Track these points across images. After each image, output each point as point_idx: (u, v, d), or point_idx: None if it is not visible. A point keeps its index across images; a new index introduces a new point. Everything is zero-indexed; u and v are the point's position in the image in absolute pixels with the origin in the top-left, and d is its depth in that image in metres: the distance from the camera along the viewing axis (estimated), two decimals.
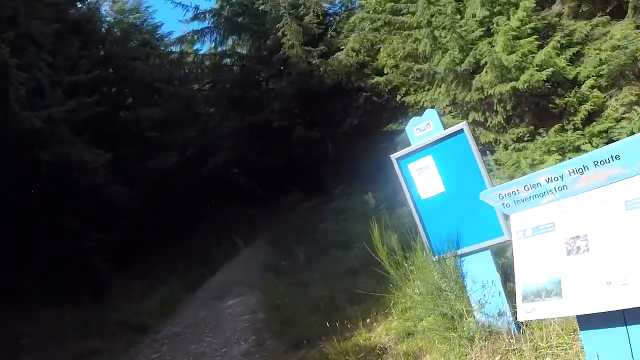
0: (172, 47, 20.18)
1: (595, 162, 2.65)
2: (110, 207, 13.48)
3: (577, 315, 2.64)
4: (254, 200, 16.50)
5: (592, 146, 7.30)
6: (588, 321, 2.62)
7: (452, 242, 4.81)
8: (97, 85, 15.84)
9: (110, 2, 22.68)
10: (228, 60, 19.54)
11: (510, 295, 4.51)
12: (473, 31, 9.31)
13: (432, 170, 4.95)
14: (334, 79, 14.48)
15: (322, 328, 6.29)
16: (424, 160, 4.99)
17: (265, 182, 16.96)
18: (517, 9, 8.84)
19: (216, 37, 18.49)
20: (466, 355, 4.33)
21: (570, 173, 2.75)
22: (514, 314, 4.38)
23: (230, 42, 19.34)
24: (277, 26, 15.54)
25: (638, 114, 7.09)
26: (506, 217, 4.42)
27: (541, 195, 2.90)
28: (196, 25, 18.47)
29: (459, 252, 4.78)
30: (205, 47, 19.57)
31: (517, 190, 3.00)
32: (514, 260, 2.89)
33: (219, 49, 19.07)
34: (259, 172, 17.01)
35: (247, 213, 15.75)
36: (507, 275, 4.81)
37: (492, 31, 9.27)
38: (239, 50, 19.81)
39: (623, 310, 2.43)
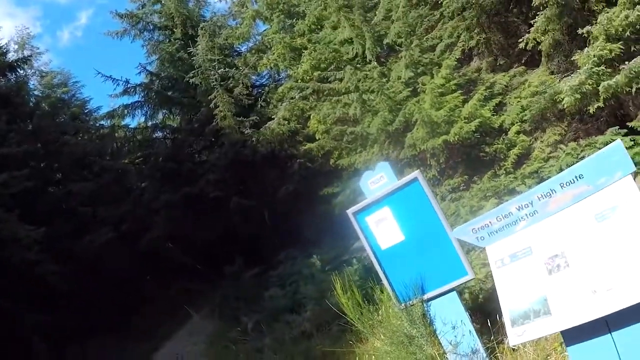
0: (102, 122, 20.00)
1: (562, 184, 2.86)
2: (45, 286, 12.73)
3: (562, 332, 2.76)
4: (194, 272, 16.08)
5: (526, 187, 7.69)
6: (573, 336, 2.74)
7: (417, 288, 4.88)
8: (25, 160, 15.28)
9: (38, 76, 22.45)
10: (160, 133, 19.49)
11: (479, 332, 4.63)
12: (400, 92, 9.77)
13: (390, 221, 5.06)
14: (267, 147, 14.69)
15: None
16: (381, 212, 5.10)
17: (205, 253, 16.55)
18: (439, 68, 9.44)
19: (147, 111, 18.51)
20: None
21: (539, 198, 2.95)
22: (487, 350, 4.49)
23: (160, 115, 19.42)
24: (208, 98, 15.73)
25: (564, 151, 7.59)
26: (468, 252, 4.58)
27: (514, 223, 3.07)
28: (126, 100, 18.46)
29: (425, 296, 4.86)
30: (135, 121, 19.42)
31: (490, 222, 3.17)
32: (497, 289, 3.00)
33: (150, 123, 19.05)
34: (197, 244, 16.66)
35: (189, 285, 15.29)
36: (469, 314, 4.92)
37: (418, 90, 9.78)
38: (170, 124, 19.86)
39: (606, 318, 2.58)
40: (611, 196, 2.70)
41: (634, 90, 7.14)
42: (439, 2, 9.96)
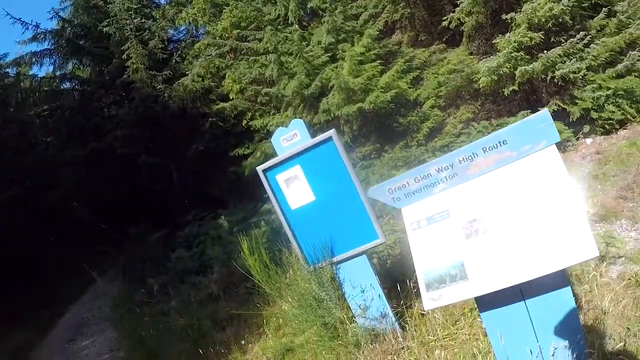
0: (7, 70, 18.34)
1: (484, 149, 2.82)
2: None
3: (476, 298, 2.75)
4: (99, 232, 15.31)
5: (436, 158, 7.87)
6: (488, 302, 2.74)
7: (327, 250, 4.78)
8: None
9: None
10: (68, 84, 18.16)
11: (388, 297, 4.65)
12: (319, 57, 9.67)
13: (301, 180, 4.85)
14: (179, 104, 14.10)
15: (193, 356, 5.91)
16: (292, 170, 4.87)
17: (111, 212, 15.81)
18: (361, 36, 9.39)
19: (55, 60, 17.06)
20: None
21: (460, 161, 2.90)
22: (396, 314, 4.51)
23: (70, 65, 18.05)
24: (121, 49, 14.79)
25: (475, 129, 7.80)
26: (379, 216, 4.54)
27: (432, 185, 3.01)
28: (35, 47, 17.01)
29: (335, 259, 4.75)
30: (43, 70, 18.03)
31: (408, 183, 3.08)
32: (412, 251, 2.93)
33: (58, 73, 17.60)
34: (103, 202, 15.93)
35: (93, 247, 14.54)
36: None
37: (337, 57, 9.71)
38: (79, 75, 18.54)
39: (520, 286, 2.59)
40: (534, 164, 2.70)
41: (548, 78, 7.50)
42: None
